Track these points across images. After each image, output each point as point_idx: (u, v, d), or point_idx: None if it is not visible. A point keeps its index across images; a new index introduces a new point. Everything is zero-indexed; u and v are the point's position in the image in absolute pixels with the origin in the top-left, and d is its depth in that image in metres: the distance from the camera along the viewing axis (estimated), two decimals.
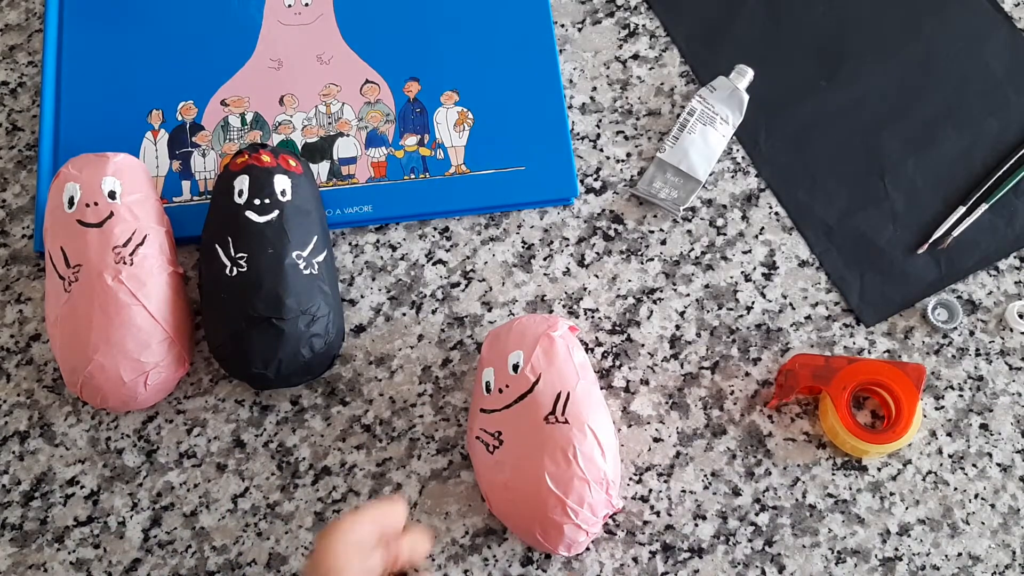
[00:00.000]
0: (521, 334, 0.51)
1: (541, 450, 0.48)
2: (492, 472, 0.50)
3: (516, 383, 0.50)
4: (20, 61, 0.67)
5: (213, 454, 0.56)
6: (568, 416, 0.49)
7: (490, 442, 0.50)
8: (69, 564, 0.54)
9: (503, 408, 0.50)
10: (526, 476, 0.48)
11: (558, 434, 0.49)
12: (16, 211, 0.62)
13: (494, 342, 0.52)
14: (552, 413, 0.49)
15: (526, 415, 0.49)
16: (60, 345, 0.54)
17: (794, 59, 0.67)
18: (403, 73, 0.65)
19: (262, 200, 0.55)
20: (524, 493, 0.49)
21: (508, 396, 0.50)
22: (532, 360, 0.50)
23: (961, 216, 0.61)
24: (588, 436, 0.49)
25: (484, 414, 0.50)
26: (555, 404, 0.49)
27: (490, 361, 0.51)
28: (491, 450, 0.49)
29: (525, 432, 0.49)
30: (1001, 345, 0.59)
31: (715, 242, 0.62)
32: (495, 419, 0.50)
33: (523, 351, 0.50)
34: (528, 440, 0.49)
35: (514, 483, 0.49)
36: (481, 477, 0.51)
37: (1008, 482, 0.56)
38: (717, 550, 0.54)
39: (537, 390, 0.49)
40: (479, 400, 0.51)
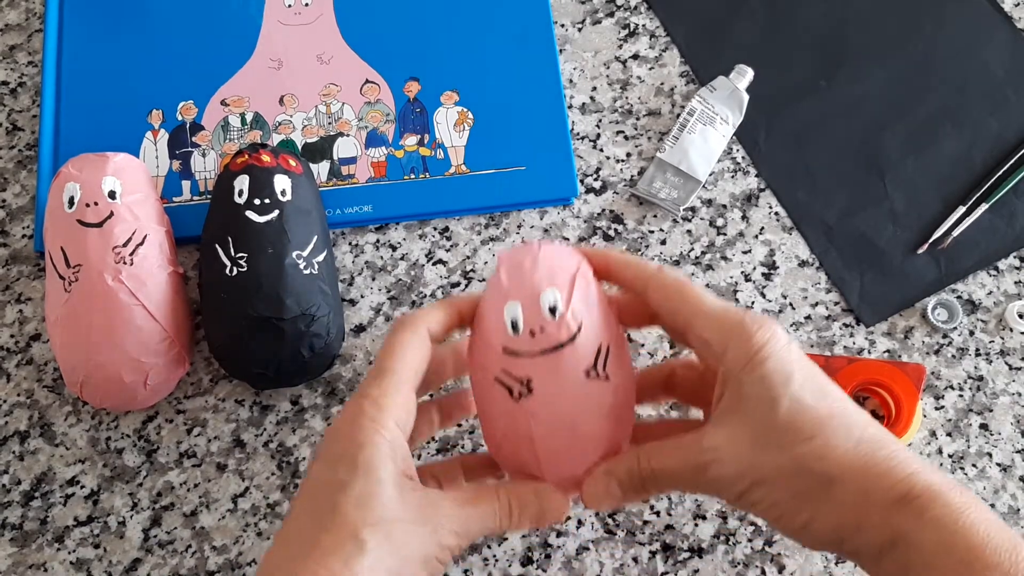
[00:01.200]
0: (550, 268, 0.44)
1: (580, 406, 0.44)
2: (514, 421, 0.44)
3: (554, 329, 0.43)
4: (20, 61, 0.67)
5: (213, 454, 0.56)
6: (609, 372, 0.44)
7: (515, 388, 0.44)
8: (69, 564, 0.54)
9: (537, 354, 0.43)
10: (559, 431, 0.44)
11: (599, 391, 0.44)
12: (16, 211, 0.62)
13: (515, 271, 0.45)
14: (594, 367, 0.44)
15: (565, 366, 0.43)
16: (60, 345, 0.54)
17: (794, 59, 0.67)
18: (403, 73, 0.65)
19: (262, 200, 0.55)
20: (554, 447, 0.44)
21: (543, 341, 0.43)
22: (573, 305, 0.43)
23: (961, 216, 0.61)
24: (626, 392, 0.45)
25: (510, 356, 0.44)
26: (596, 358, 0.44)
27: (515, 294, 0.44)
28: (516, 397, 0.44)
29: (563, 385, 0.43)
30: (1001, 345, 0.59)
31: (715, 242, 0.62)
32: (524, 364, 0.43)
33: (559, 291, 0.44)
34: (566, 394, 0.43)
35: (543, 437, 0.44)
36: (494, 422, 0.46)
37: (1008, 482, 0.56)
38: (717, 550, 0.54)
39: (579, 340, 0.43)
40: (500, 337, 0.44)
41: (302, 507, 0.40)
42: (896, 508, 0.37)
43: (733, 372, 0.40)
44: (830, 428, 0.39)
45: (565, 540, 0.54)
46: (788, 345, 0.40)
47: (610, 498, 0.44)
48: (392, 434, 0.41)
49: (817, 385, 0.40)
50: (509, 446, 0.46)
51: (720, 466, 0.40)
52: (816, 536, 0.40)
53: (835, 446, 0.39)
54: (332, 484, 0.40)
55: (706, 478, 0.41)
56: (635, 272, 0.45)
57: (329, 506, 0.39)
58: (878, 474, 0.38)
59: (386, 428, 0.40)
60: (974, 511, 0.37)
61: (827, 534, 0.39)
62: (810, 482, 0.39)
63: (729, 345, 0.41)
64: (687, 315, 0.42)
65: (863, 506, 0.38)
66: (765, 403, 0.39)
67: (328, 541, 0.38)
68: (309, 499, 0.40)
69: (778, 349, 0.40)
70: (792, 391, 0.39)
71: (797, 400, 0.39)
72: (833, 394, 0.40)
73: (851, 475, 0.38)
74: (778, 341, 0.40)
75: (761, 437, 0.39)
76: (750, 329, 0.40)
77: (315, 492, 0.40)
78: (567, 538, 0.54)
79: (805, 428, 0.39)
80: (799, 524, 0.40)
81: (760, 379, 0.40)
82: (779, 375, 0.39)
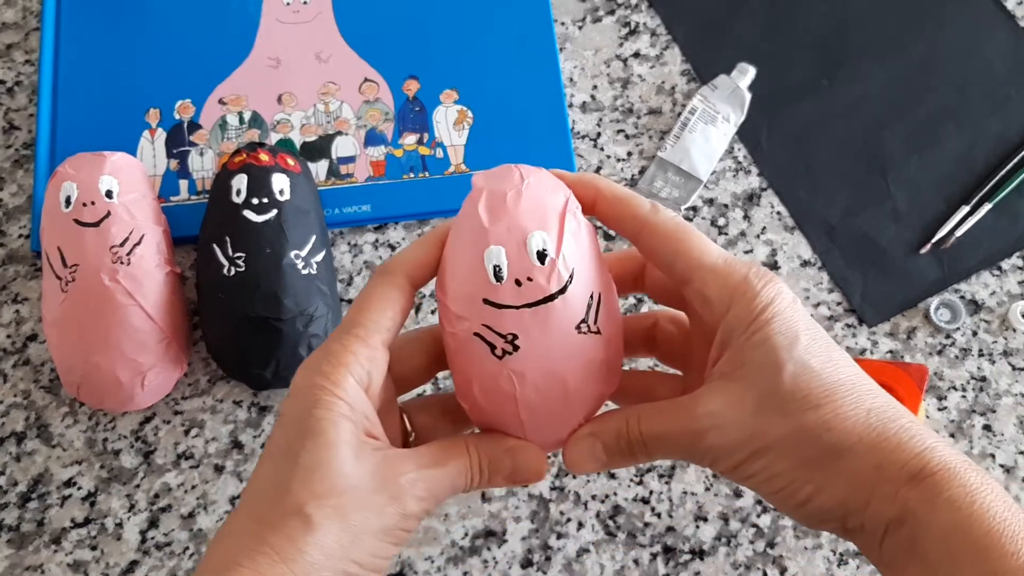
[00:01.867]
0: (537, 204, 0.39)
1: (571, 363, 0.39)
2: (495, 380, 0.39)
3: (543, 278, 0.38)
4: (17, 60, 0.67)
5: (211, 455, 0.56)
6: (600, 324, 0.39)
7: (499, 344, 0.38)
8: (66, 566, 0.53)
9: (523, 306, 0.38)
10: (547, 392, 0.39)
11: (591, 346, 0.39)
12: (13, 211, 0.62)
13: (498, 206, 0.38)
14: (585, 320, 0.38)
15: (555, 321, 0.38)
16: (57, 345, 0.53)
17: (796, 57, 0.66)
18: (402, 71, 0.65)
19: (260, 199, 0.54)
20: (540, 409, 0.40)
21: (531, 293, 0.38)
22: (564, 250, 0.38)
23: (964, 216, 0.61)
24: (617, 344, 0.41)
25: (491, 307, 0.38)
26: (588, 310, 0.39)
27: (497, 236, 0.38)
28: (499, 354, 0.38)
29: (552, 342, 0.38)
30: (1004, 345, 0.58)
31: (716, 241, 0.61)
32: (509, 318, 0.38)
33: (547, 233, 0.38)
34: (555, 352, 0.38)
35: (528, 397, 0.39)
36: (471, 380, 0.40)
37: (1011, 483, 0.55)
38: (719, 552, 0.54)
39: (571, 291, 0.38)
40: (480, 285, 0.38)
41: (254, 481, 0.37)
42: (910, 484, 0.35)
43: (735, 332, 0.37)
44: (839, 395, 0.36)
45: (565, 542, 0.54)
46: (794, 304, 0.37)
47: (595, 462, 0.40)
48: (350, 393, 0.37)
49: (824, 349, 0.37)
50: (489, 407, 0.40)
51: (719, 433, 0.37)
52: (818, 511, 0.37)
53: (845, 415, 0.36)
54: (283, 453, 0.36)
55: (703, 446, 0.37)
56: (629, 210, 0.40)
57: (277, 479, 0.36)
58: (891, 447, 0.35)
59: (341, 388, 0.36)
60: (990, 493, 0.35)
61: (831, 509, 0.37)
62: (817, 452, 0.36)
63: (732, 303, 0.37)
64: (686, 267, 0.38)
65: (875, 480, 0.35)
66: (769, 367, 0.36)
67: (273, 518, 0.35)
68: (261, 471, 0.37)
69: (784, 308, 0.37)
70: (798, 355, 0.36)
71: (803, 364, 0.36)
72: (840, 359, 0.37)
73: (863, 447, 0.35)
74: (784, 299, 0.37)
75: (764, 403, 0.36)
76: (755, 286, 0.37)
77: (266, 462, 0.37)
78: (567, 540, 0.54)
79: (812, 395, 0.36)
80: (801, 498, 0.37)
81: (764, 341, 0.36)
82: (784, 337, 0.36)
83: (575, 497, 0.55)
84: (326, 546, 0.35)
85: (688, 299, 0.40)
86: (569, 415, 0.40)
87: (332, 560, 0.35)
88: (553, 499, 0.55)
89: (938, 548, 0.34)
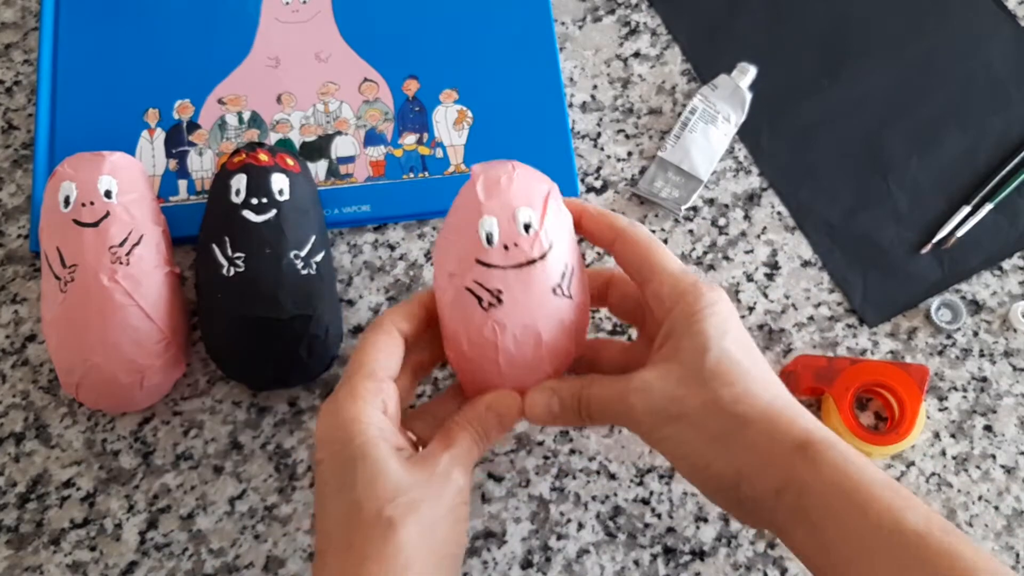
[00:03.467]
0: (526, 188, 0.47)
1: (546, 320, 0.46)
2: (480, 329, 0.46)
3: (528, 244, 0.46)
4: (16, 59, 0.67)
5: (210, 456, 0.56)
6: (572, 292, 0.47)
7: (486, 298, 0.46)
8: (65, 567, 0.53)
9: (509, 267, 0.46)
10: (524, 343, 0.46)
11: (564, 308, 0.47)
12: (12, 211, 0.62)
13: (492, 188, 0.47)
14: (560, 285, 0.46)
15: (535, 281, 0.46)
16: (56, 346, 0.53)
17: (796, 57, 0.66)
18: (402, 71, 0.64)
19: (259, 199, 0.54)
20: (517, 358, 0.47)
21: (516, 256, 0.46)
22: (546, 224, 0.46)
23: (965, 216, 0.61)
24: (584, 311, 0.49)
25: (482, 267, 0.46)
26: (562, 277, 0.47)
27: (491, 209, 0.46)
28: (485, 306, 0.46)
29: (531, 299, 0.46)
30: (1005, 346, 0.58)
31: (717, 242, 0.61)
32: (496, 276, 0.46)
33: (533, 210, 0.46)
34: (534, 308, 0.46)
35: (508, 346, 0.46)
36: (460, 331, 0.47)
37: (1012, 484, 0.55)
38: (719, 553, 0.53)
39: (549, 258, 0.46)
40: (473, 248, 0.46)
41: (324, 521, 0.43)
42: (796, 453, 0.40)
43: (677, 325, 0.44)
44: (751, 378, 0.43)
45: (565, 543, 0.54)
46: (731, 311, 0.45)
47: (549, 414, 0.47)
48: (376, 419, 0.43)
49: (746, 347, 0.44)
50: (474, 355, 0.47)
51: (644, 397, 0.44)
52: (716, 478, 0.43)
53: (754, 394, 0.42)
54: (339, 487, 0.42)
55: (627, 406, 0.44)
56: (608, 222, 0.48)
57: (346, 507, 0.41)
58: (784, 423, 0.41)
59: (367, 416, 0.43)
60: (861, 458, 0.40)
61: (728, 477, 0.42)
62: (724, 423, 0.42)
63: (680, 301, 0.44)
64: (649, 270, 0.46)
65: (768, 448, 0.41)
66: (697, 350, 0.43)
67: (359, 536, 0.40)
68: (326, 511, 0.43)
69: (720, 311, 0.44)
70: (724, 344, 0.43)
71: (726, 352, 0.43)
72: (759, 359, 0.44)
73: (763, 420, 0.41)
74: (722, 305, 0.44)
75: (687, 377, 0.43)
76: (700, 291, 0.45)
77: (325, 504, 0.43)
78: (567, 541, 0.54)
79: (728, 375, 0.42)
80: (703, 464, 0.43)
81: (698, 332, 0.43)
82: (716, 330, 0.43)
83: (575, 498, 0.55)
84: (412, 540, 0.40)
85: (646, 298, 0.47)
86: (540, 366, 0.47)
87: (421, 551, 0.41)
88: (553, 500, 0.55)
89: (821, 506, 0.39)
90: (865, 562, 0.38)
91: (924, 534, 0.38)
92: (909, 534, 0.38)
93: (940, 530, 0.38)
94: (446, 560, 0.42)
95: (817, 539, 0.40)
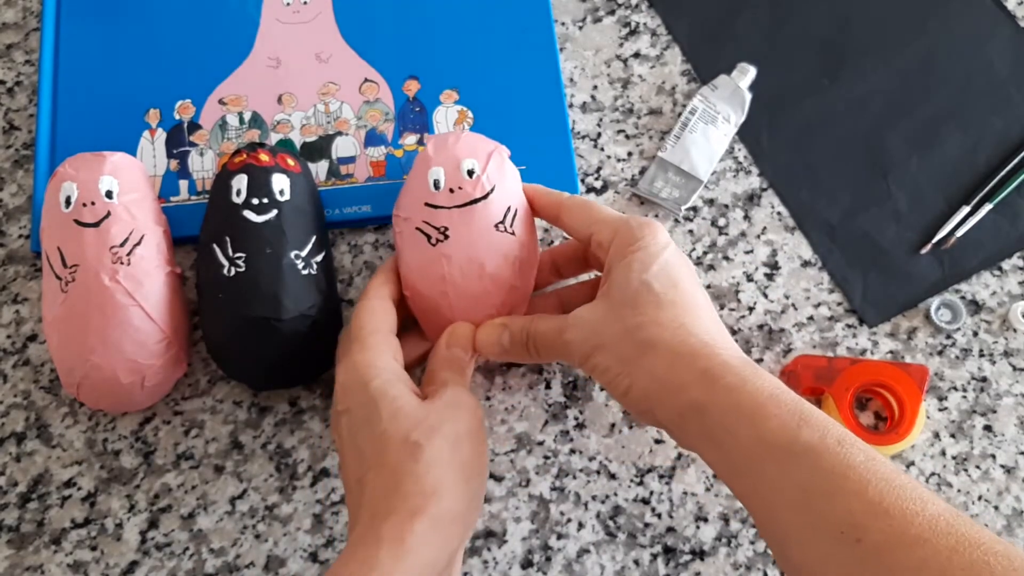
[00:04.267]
0: (472, 146, 0.53)
1: (489, 252, 0.52)
2: (429, 263, 0.52)
3: (471, 187, 0.52)
4: (17, 60, 0.67)
5: (211, 456, 0.56)
6: (515, 230, 0.52)
7: (433, 235, 0.52)
8: (66, 566, 0.53)
9: (454, 207, 0.52)
10: (469, 273, 0.51)
11: (506, 243, 0.52)
12: (13, 211, 0.62)
13: (440, 146, 0.53)
14: (502, 222, 0.52)
15: (477, 218, 0.52)
16: (57, 346, 0.53)
17: (796, 57, 0.66)
18: (402, 72, 0.64)
19: (260, 200, 0.54)
20: (464, 288, 0.52)
21: (460, 197, 0.52)
22: (488, 171, 0.52)
23: (965, 216, 0.61)
24: (529, 250, 0.53)
25: (430, 208, 0.52)
26: (505, 215, 0.52)
27: (438, 162, 0.53)
28: (433, 242, 0.52)
29: (475, 233, 0.51)
30: (1005, 346, 0.58)
31: (717, 242, 0.61)
32: (442, 215, 0.52)
33: (477, 160, 0.53)
34: (477, 241, 0.51)
35: (454, 277, 0.52)
36: (413, 267, 0.53)
37: (1012, 484, 0.55)
38: (719, 552, 0.53)
39: (491, 198, 0.52)
40: (423, 194, 0.52)
41: (350, 459, 0.46)
42: (696, 380, 0.43)
43: (611, 263, 0.48)
44: (663, 309, 0.45)
45: (566, 543, 0.54)
46: (663, 245, 0.48)
47: (499, 346, 0.51)
48: (389, 363, 0.48)
49: (672, 280, 0.47)
50: (425, 287, 0.52)
51: (575, 331, 0.48)
52: (635, 402, 0.46)
53: (659, 323, 0.45)
54: (366, 422, 0.46)
55: (563, 341, 0.48)
56: (551, 200, 0.53)
57: (374, 439, 0.45)
58: (686, 351, 0.44)
59: (382, 361, 0.48)
60: (760, 379, 0.42)
61: (641, 401, 0.45)
62: (631, 349, 0.45)
63: (614, 241, 0.48)
64: (588, 224, 0.51)
65: (667, 375, 0.44)
66: (620, 284, 0.47)
67: (391, 459, 0.44)
68: (354, 446, 0.46)
69: (649, 244, 0.47)
70: (644, 277, 0.46)
71: (646, 284, 0.46)
72: (687, 292, 0.47)
73: (663, 347, 0.44)
74: (654, 239, 0.48)
75: (609, 309, 0.47)
76: (632, 228, 0.48)
77: (352, 439, 0.46)
78: (567, 540, 0.54)
79: (642, 306, 0.46)
80: (623, 388, 0.46)
81: (624, 266, 0.47)
82: (640, 264, 0.47)
83: (575, 497, 0.55)
84: (439, 457, 0.44)
85: (591, 251, 0.51)
86: (487, 299, 0.52)
87: (450, 468, 0.44)
88: (553, 500, 0.55)
89: (719, 425, 0.42)
90: (757, 474, 0.41)
91: (817, 447, 0.39)
92: (799, 447, 0.40)
93: (836, 442, 0.39)
94: (473, 480, 0.46)
95: (720, 456, 0.43)
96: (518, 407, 0.57)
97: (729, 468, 0.43)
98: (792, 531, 0.39)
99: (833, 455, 0.39)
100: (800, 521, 0.39)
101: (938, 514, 0.37)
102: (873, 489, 0.38)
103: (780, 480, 0.40)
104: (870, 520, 0.37)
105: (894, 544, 0.36)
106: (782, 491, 0.40)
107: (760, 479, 0.41)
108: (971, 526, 0.37)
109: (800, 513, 0.39)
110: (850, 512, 0.38)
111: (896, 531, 0.37)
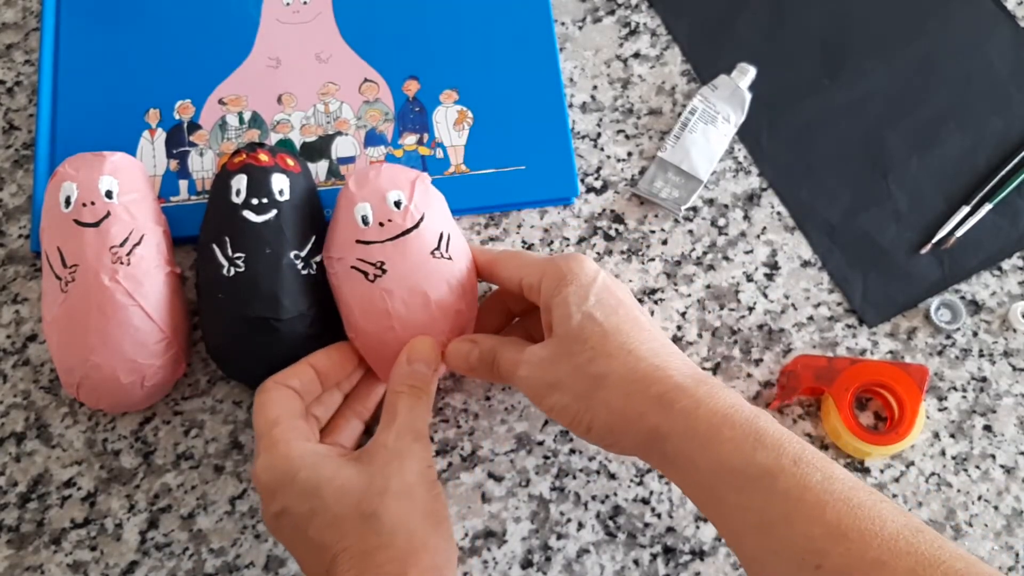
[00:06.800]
0: (394, 177, 0.53)
1: (430, 281, 0.51)
2: (371, 300, 0.51)
3: (400, 218, 0.52)
4: (17, 60, 0.67)
5: (211, 456, 0.56)
6: (452, 254, 0.52)
7: (371, 271, 0.51)
8: (66, 566, 0.53)
9: (387, 240, 0.52)
10: (413, 304, 0.51)
11: (445, 268, 0.52)
12: (12, 211, 0.62)
13: (362, 181, 0.53)
14: (437, 249, 0.52)
15: (412, 248, 0.51)
16: (57, 346, 0.53)
17: (796, 57, 0.66)
18: (402, 72, 0.64)
19: (260, 199, 0.54)
20: (410, 320, 0.51)
21: (392, 229, 0.52)
22: (415, 199, 0.52)
23: (964, 216, 0.61)
24: (468, 272, 0.53)
25: (363, 244, 0.52)
26: (439, 241, 0.52)
27: (363, 197, 0.52)
28: (371, 278, 0.51)
29: (412, 263, 0.51)
30: (1004, 346, 0.58)
31: (717, 242, 0.61)
32: (376, 250, 0.52)
33: (402, 191, 0.52)
34: (416, 271, 0.51)
35: (399, 311, 0.51)
36: (354, 308, 0.52)
37: (1012, 484, 0.55)
38: (719, 552, 0.53)
39: (423, 226, 0.52)
40: (353, 231, 0.52)
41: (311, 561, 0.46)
42: (652, 408, 0.43)
43: (547, 303, 0.48)
44: (607, 338, 0.45)
45: (565, 542, 0.54)
46: (594, 275, 0.48)
47: (467, 362, 0.51)
48: (306, 447, 0.47)
49: (611, 307, 0.47)
50: (370, 325, 0.52)
51: (528, 368, 0.48)
52: (598, 437, 0.46)
53: (608, 353, 0.45)
54: (310, 516, 0.45)
55: (518, 378, 0.48)
56: (485, 258, 0.54)
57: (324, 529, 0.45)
58: (639, 378, 0.44)
59: (296, 449, 0.47)
60: (714, 399, 0.42)
61: (605, 435, 0.45)
62: (585, 384, 0.45)
63: (543, 281, 0.49)
64: (517, 273, 0.51)
65: (624, 406, 0.44)
66: (562, 320, 0.47)
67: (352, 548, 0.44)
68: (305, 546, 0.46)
69: (579, 276, 0.48)
70: (585, 308, 0.46)
71: (588, 315, 0.46)
72: (628, 316, 0.46)
73: (615, 378, 0.44)
74: (583, 271, 0.48)
75: (559, 347, 0.46)
76: (559, 265, 0.49)
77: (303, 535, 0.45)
78: (567, 540, 0.54)
79: (588, 338, 0.45)
80: (585, 425, 0.45)
81: (562, 301, 0.47)
82: (576, 297, 0.47)
83: (575, 497, 0.55)
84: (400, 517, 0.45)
85: (528, 297, 0.51)
86: (433, 325, 0.52)
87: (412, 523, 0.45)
88: (553, 499, 0.55)
89: (679, 452, 0.42)
90: (718, 499, 0.41)
91: (773, 469, 0.40)
92: (755, 470, 0.40)
93: (792, 462, 0.40)
94: (441, 525, 0.46)
95: (684, 481, 0.43)
96: (518, 407, 0.57)
97: (693, 493, 0.43)
98: (758, 555, 0.40)
99: (789, 476, 0.39)
100: (763, 546, 0.40)
101: (896, 533, 0.37)
102: (831, 511, 0.38)
103: (740, 505, 0.40)
104: (829, 544, 0.37)
105: (853, 568, 0.37)
106: (744, 516, 0.40)
107: (722, 504, 0.41)
108: (931, 543, 0.37)
109: (762, 538, 0.40)
110: (809, 537, 0.38)
111: (855, 555, 0.37)
